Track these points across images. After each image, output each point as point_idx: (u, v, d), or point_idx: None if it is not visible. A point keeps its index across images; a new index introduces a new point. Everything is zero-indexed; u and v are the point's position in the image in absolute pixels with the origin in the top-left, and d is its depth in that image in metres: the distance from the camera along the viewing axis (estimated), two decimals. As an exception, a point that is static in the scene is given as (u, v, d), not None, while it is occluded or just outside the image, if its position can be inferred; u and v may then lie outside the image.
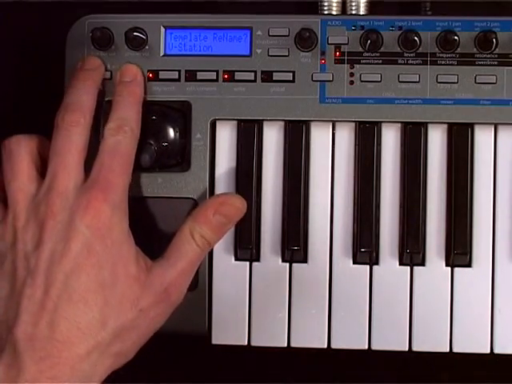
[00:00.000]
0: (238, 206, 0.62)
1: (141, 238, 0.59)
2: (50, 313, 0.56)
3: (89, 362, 0.56)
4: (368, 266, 0.63)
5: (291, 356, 0.65)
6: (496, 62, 0.62)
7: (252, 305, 0.64)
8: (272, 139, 0.64)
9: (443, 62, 0.63)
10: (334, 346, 0.63)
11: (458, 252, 0.62)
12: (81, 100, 0.61)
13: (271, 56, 0.64)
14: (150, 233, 0.62)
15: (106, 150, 0.60)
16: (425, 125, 0.63)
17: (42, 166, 0.61)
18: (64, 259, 0.56)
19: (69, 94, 0.61)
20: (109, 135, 0.60)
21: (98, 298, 0.56)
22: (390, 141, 0.63)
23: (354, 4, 0.65)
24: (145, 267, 0.59)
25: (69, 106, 0.61)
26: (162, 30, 0.65)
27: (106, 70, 0.64)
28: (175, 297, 0.60)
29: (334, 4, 0.65)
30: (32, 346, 0.55)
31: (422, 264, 0.63)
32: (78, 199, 0.58)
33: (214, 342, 0.64)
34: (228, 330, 0.64)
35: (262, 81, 0.64)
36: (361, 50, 0.63)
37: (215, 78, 0.64)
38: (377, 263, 0.63)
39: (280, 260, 0.64)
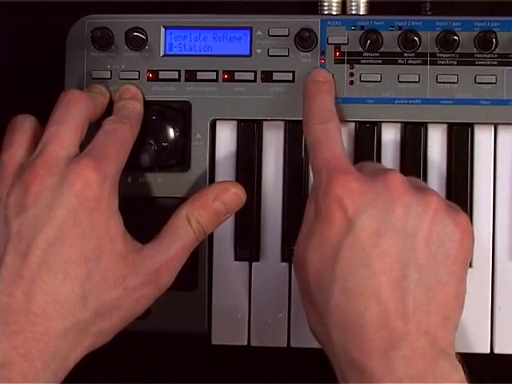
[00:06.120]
0: (240, 195, 0.60)
1: (140, 237, 0.59)
2: (27, 282, 0.52)
3: (66, 340, 0.53)
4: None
5: (291, 356, 0.65)
6: (496, 62, 0.62)
7: (252, 305, 0.64)
8: (272, 139, 0.64)
9: (443, 62, 0.63)
10: (334, 345, 0.63)
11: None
12: (88, 94, 0.62)
13: (271, 56, 0.64)
14: (150, 233, 0.62)
15: (102, 132, 0.59)
16: (425, 125, 0.63)
17: None
18: (47, 226, 0.53)
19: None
20: (107, 123, 0.59)
21: (79, 270, 0.53)
22: (390, 141, 0.63)
23: (353, 4, 0.65)
24: (134, 248, 0.57)
25: (74, 89, 0.61)
26: (162, 30, 0.65)
27: (106, 69, 0.65)
28: (165, 280, 0.57)
29: (334, 4, 0.65)
30: (6, 319, 0.51)
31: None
32: (69, 167, 0.55)
33: (213, 342, 0.64)
34: (228, 330, 0.64)
35: (262, 81, 0.64)
36: (361, 50, 0.63)
37: (215, 78, 0.64)
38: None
39: (280, 260, 0.64)
